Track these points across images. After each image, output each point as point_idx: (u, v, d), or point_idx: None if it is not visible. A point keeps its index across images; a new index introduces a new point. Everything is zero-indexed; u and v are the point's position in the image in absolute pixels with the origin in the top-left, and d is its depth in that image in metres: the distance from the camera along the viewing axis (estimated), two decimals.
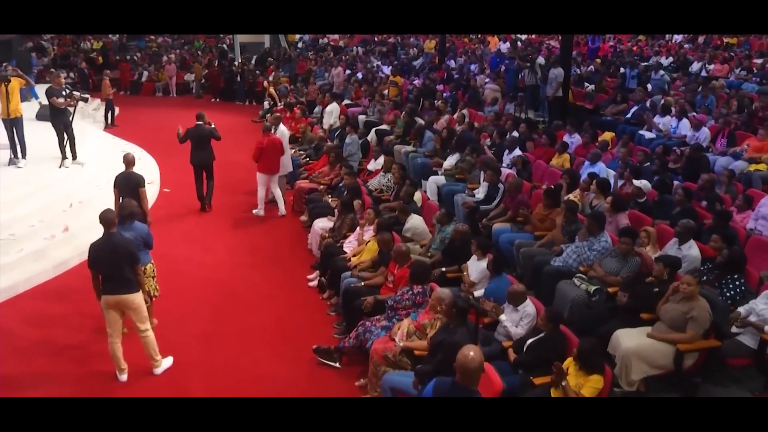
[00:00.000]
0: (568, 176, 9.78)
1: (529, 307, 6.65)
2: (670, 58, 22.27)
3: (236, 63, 26.29)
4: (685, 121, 12.29)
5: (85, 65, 25.90)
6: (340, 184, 11.26)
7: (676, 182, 9.67)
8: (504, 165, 11.04)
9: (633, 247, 7.14)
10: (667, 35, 28.62)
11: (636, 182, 9.25)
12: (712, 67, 19.26)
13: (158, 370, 6.95)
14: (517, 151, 11.34)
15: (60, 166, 11.89)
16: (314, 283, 9.19)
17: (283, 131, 12.34)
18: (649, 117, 13.20)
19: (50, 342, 7.53)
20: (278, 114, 13.58)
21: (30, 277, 8.88)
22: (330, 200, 11.11)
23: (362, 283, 7.91)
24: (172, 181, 13.73)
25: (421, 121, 13.93)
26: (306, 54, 28.10)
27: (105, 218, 6.61)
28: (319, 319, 8.26)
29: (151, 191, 12.73)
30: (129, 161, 9.29)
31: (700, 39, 27.15)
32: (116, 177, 9.32)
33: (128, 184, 9.04)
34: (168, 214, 11.88)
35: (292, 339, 7.72)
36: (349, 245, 9.12)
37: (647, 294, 6.48)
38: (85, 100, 13.41)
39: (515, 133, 12.47)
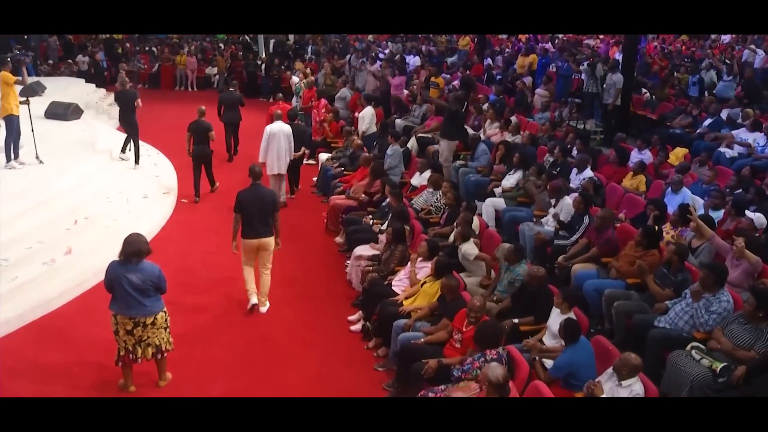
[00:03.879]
0: (654, 206, 8.32)
1: (637, 385, 5.27)
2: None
3: (261, 57, 24.90)
4: None
5: (99, 57, 24.54)
6: (383, 204, 9.87)
7: None
8: (574, 187, 9.59)
9: None
10: (713, 35, 27.04)
11: (749, 213, 7.80)
12: None
13: (264, 309, 8.10)
14: (588, 172, 9.87)
15: (136, 164, 12.83)
16: (357, 327, 7.81)
17: (285, 129, 11.34)
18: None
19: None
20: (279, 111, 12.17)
21: (24, 312, 7.52)
22: (370, 220, 9.75)
23: (422, 340, 6.52)
24: (191, 190, 12.34)
25: (473, 132, 12.48)
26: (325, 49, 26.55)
27: (254, 171, 7.91)
28: (365, 377, 6.89)
29: (168, 202, 11.42)
30: (201, 113, 11.86)
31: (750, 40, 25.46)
32: (190, 124, 11.65)
33: (199, 129, 11.62)
34: (187, 232, 10.54)
35: None
36: (400, 284, 7.75)
37: None
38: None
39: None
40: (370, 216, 9.88)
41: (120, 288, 5.88)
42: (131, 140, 12.72)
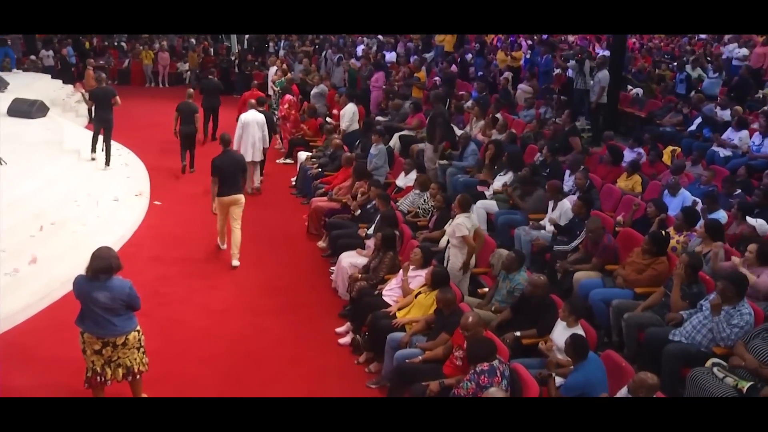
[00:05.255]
0: (655, 207, 7.93)
1: None
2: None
3: (233, 52, 24.22)
4: None
5: (66, 52, 23.57)
6: (368, 206, 9.38)
7: None
8: (566, 190, 9.17)
9: None
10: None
11: (751, 220, 7.47)
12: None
13: (235, 262, 9.04)
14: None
15: (107, 165, 12.18)
16: (346, 339, 7.30)
17: (259, 118, 11.63)
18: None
19: None
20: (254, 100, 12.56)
21: None
22: (353, 219, 9.29)
23: (419, 358, 6.06)
24: (164, 192, 11.78)
25: (459, 130, 12.05)
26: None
27: (224, 140, 9.18)
28: (358, 396, 6.39)
29: (140, 205, 10.83)
30: (189, 95, 13.11)
31: (726, 37, 25.30)
32: (179, 105, 12.74)
33: (187, 110, 12.72)
34: (161, 237, 9.95)
35: None
36: (391, 293, 7.26)
37: None
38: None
39: None
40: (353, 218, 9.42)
41: (87, 307, 5.34)
42: (102, 139, 12.10)
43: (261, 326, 7.60)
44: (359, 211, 9.46)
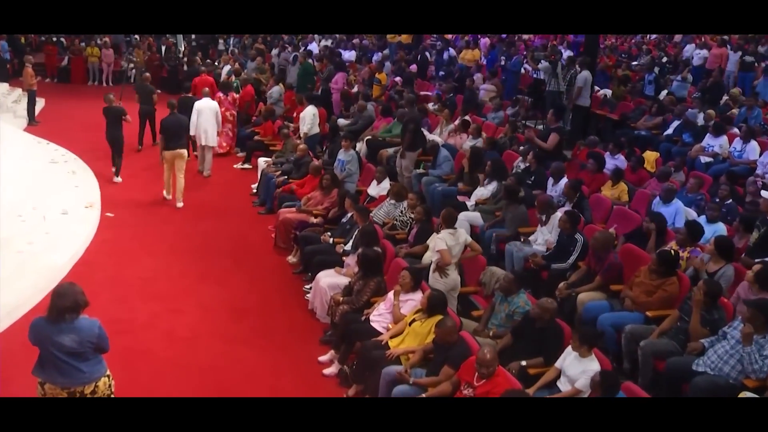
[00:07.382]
0: (652, 220, 7.49)
1: None
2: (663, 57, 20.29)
3: (180, 50, 23.18)
4: (754, 143, 10.14)
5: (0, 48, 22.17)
6: (344, 220, 8.76)
7: None
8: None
9: None
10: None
11: (764, 193, 7.26)
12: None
13: (179, 204, 10.74)
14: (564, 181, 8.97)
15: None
16: (332, 370, 6.66)
17: (212, 105, 12.46)
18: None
19: None
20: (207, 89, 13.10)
21: None
22: (328, 237, 8.61)
23: (423, 395, 5.47)
24: (116, 201, 10.91)
25: (432, 137, 11.47)
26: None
27: (171, 104, 11.02)
28: None
29: (91, 217, 9.98)
30: (145, 78, 14.41)
31: (676, 37, 25.39)
32: (135, 86, 14.31)
33: (144, 90, 13.84)
34: (116, 253, 9.14)
35: None
36: (380, 319, 6.66)
37: None
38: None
39: None
40: (329, 234, 8.74)
41: (48, 353, 4.59)
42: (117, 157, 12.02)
43: (233, 355, 6.91)
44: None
